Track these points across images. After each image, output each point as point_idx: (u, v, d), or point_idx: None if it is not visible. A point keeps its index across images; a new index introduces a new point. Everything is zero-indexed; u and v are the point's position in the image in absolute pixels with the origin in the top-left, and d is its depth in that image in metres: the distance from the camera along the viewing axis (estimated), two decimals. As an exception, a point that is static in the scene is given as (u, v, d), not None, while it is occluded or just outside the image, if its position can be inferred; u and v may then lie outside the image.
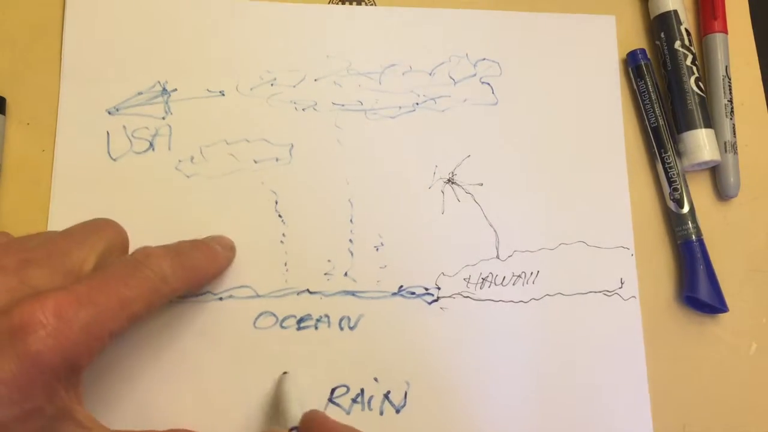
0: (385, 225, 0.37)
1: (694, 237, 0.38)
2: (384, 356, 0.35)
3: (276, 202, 0.37)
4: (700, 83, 0.40)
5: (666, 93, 0.41)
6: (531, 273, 0.37)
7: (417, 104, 0.39)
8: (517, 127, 0.40)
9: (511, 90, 0.40)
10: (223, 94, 0.38)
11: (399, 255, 0.37)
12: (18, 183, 0.35)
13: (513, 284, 0.37)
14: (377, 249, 0.37)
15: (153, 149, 0.36)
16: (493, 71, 0.40)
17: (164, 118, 0.37)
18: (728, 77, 0.40)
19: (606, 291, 0.38)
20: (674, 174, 0.39)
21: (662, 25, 0.41)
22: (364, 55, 0.39)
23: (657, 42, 0.41)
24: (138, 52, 0.37)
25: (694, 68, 0.40)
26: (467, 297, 0.37)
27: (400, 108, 0.39)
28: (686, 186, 0.39)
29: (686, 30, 0.40)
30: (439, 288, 0.36)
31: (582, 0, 0.42)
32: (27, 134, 0.36)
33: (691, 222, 0.38)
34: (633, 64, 0.40)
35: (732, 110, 0.40)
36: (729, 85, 0.40)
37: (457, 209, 0.38)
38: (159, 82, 0.37)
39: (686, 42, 0.40)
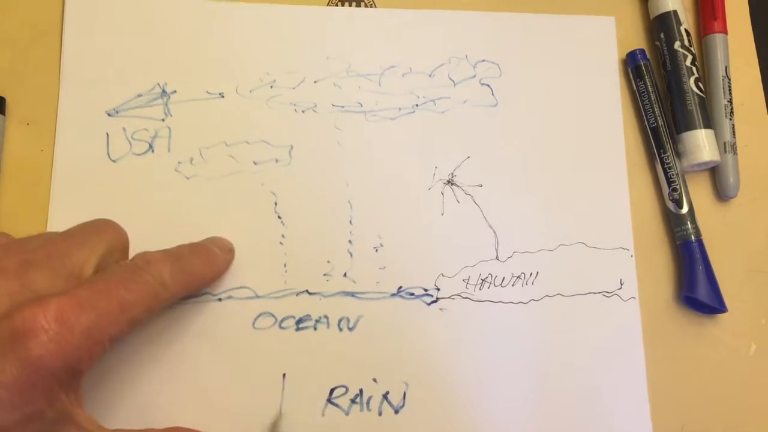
0: (385, 226, 0.37)
1: (693, 237, 0.38)
2: (383, 357, 0.35)
3: (275, 204, 0.37)
4: (700, 84, 0.40)
5: (666, 93, 0.41)
6: (530, 274, 0.37)
7: (417, 106, 0.39)
8: (517, 129, 0.39)
9: (511, 91, 0.40)
10: (223, 96, 0.38)
11: (398, 256, 0.37)
12: (17, 183, 0.35)
13: (512, 285, 0.37)
14: (377, 250, 0.37)
15: (152, 151, 0.36)
16: (493, 72, 0.40)
17: (164, 120, 0.37)
18: (728, 78, 0.40)
19: (605, 292, 0.38)
20: (673, 174, 0.38)
21: (662, 26, 0.41)
22: (364, 57, 0.39)
23: (657, 42, 0.41)
24: (137, 54, 0.37)
25: (694, 69, 0.40)
26: (466, 298, 0.37)
27: (400, 109, 0.39)
28: (685, 186, 0.39)
29: (686, 30, 0.40)
30: (439, 289, 0.36)
31: (582, 1, 0.42)
32: (27, 134, 0.36)
33: (690, 222, 0.38)
34: (632, 65, 0.40)
35: (732, 111, 0.40)
36: (729, 86, 0.40)
37: (457, 210, 0.38)
38: (158, 84, 0.37)
39: (686, 42, 0.40)
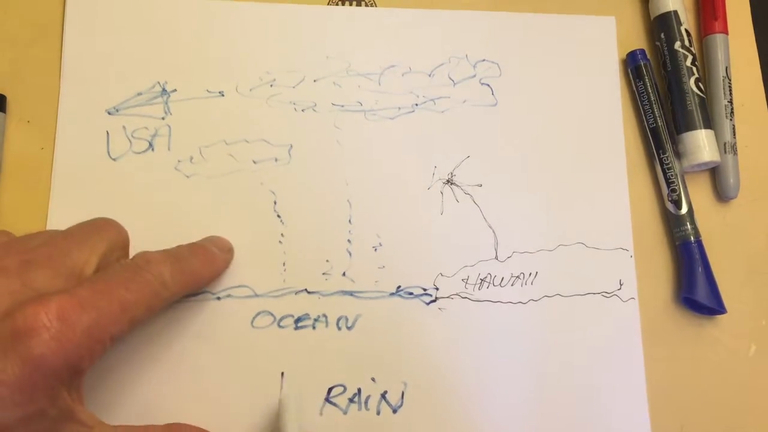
0: (384, 225, 0.37)
1: (693, 238, 0.38)
2: (381, 356, 0.35)
3: (275, 203, 0.37)
4: (700, 84, 0.40)
5: (666, 94, 0.41)
6: (530, 274, 0.37)
7: (416, 105, 0.39)
8: (517, 128, 0.39)
9: (511, 91, 0.40)
10: (223, 95, 0.38)
11: (397, 255, 0.37)
12: (18, 181, 0.35)
13: (511, 285, 0.37)
14: (376, 249, 0.37)
15: (152, 149, 0.36)
16: (493, 72, 0.40)
17: (164, 119, 0.37)
18: (728, 78, 0.40)
19: (605, 292, 0.38)
20: (672, 175, 0.38)
21: (662, 26, 0.41)
22: (364, 56, 0.39)
23: (657, 43, 0.41)
24: (138, 53, 0.38)
25: (694, 69, 0.40)
26: (465, 298, 0.37)
27: (400, 109, 0.39)
28: (685, 187, 0.39)
29: (686, 30, 0.40)
30: (438, 288, 0.36)
31: (582, 1, 0.42)
32: (27, 132, 0.36)
33: (690, 223, 0.38)
34: (632, 65, 0.40)
35: (732, 111, 0.40)
36: (729, 86, 0.40)
37: (456, 210, 0.38)
38: (159, 83, 0.37)
39: (686, 43, 0.40)
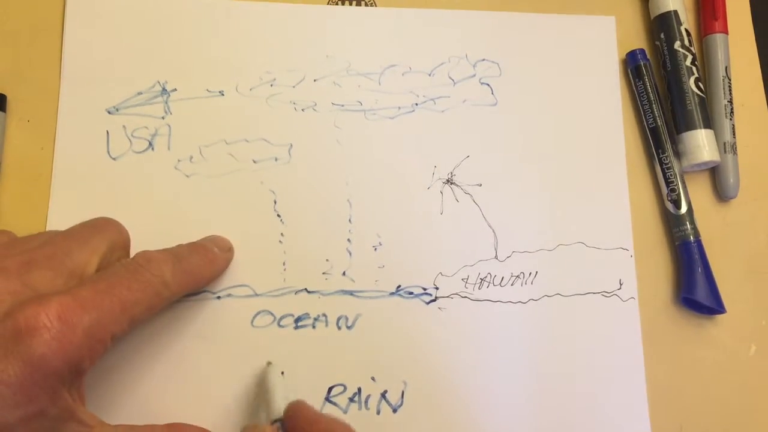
0: (384, 225, 0.37)
1: (692, 238, 0.38)
2: (381, 356, 0.35)
3: (275, 202, 0.37)
4: (700, 84, 0.40)
5: (666, 93, 0.41)
6: (529, 274, 0.37)
7: (416, 105, 0.39)
8: (517, 128, 0.39)
9: (511, 91, 0.40)
10: (223, 94, 0.38)
11: (397, 255, 0.37)
12: (18, 180, 0.35)
13: (511, 285, 0.37)
14: (375, 249, 0.37)
15: (152, 149, 0.36)
16: (493, 72, 0.40)
17: (164, 118, 0.37)
18: (728, 78, 0.40)
19: (604, 292, 0.38)
20: (672, 175, 0.38)
21: (662, 26, 0.41)
22: (364, 56, 0.39)
23: (657, 42, 0.41)
24: (138, 52, 0.38)
25: (694, 69, 0.40)
26: (465, 297, 0.37)
27: (400, 108, 0.39)
28: (684, 187, 0.39)
29: (686, 30, 0.40)
30: (437, 288, 0.36)
31: (582, 1, 0.42)
32: (27, 132, 0.36)
33: (689, 223, 0.38)
34: (632, 65, 0.40)
35: (732, 111, 0.40)
36: (729, 86, 0.40)
37: (456, 209, 0.38)
38: (159, 82, 0.37)
39: (686, 42, 0.40)
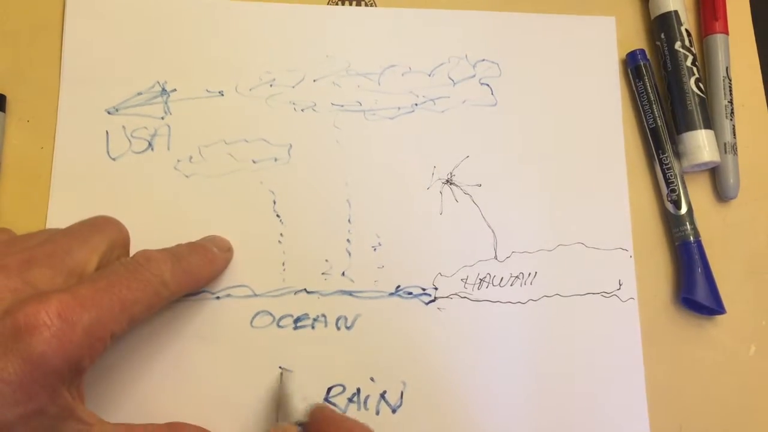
0: (383, 225, 0.37)
1: (692, 238, 0.37)
2: (380, 356, 0.35)
3: (274, 202, 0.37)
4: (700, 84, 0.40)
5: (666, 94, 0.41)
6: (529, 274, 0.37)
7: (416, 105, 0.39)
8: (516, 128, 0.39)
9: (511, 91, 0.40)
10: (223, 95, 0.38)
11: (396, 255, 0.37)
12: (17, 180, 0.35)
13: (511, 285, 0.37)
14: (375, 249, 0.37)
15: (152, 149, 0.37)
16: (493, 72, 0.40)
17: (163, 118, 0.37)
18: (729, 78, 0.40)
19: (604, 292, 0.38)
20: (672, 175, 0.38)
21: (663, 26, 0.41)
22: (364, 56, 0.39)
23: (657, 43, 0.41)
24: (138, 53, 0.38)
25: (695, 69, 0.40)
26: (464, 297, 0.37)
27: (399, 109, 0.39)
28: (684, 187, 0.38)
29: (687, 31, 0.40)
30: (437, 288, 0.36)
31: (582, 1, 0.42)
32: (27, 132, 0.36)
33: (689, 223, 0.38)
34: (632, 65, 0.40)
35: (732, 111, 0.40)
36: (729, 86, 0.40)
37: (456, 210, 0.38)
38: (158, 83, 0.37)
39: (686, 43, 0.40)
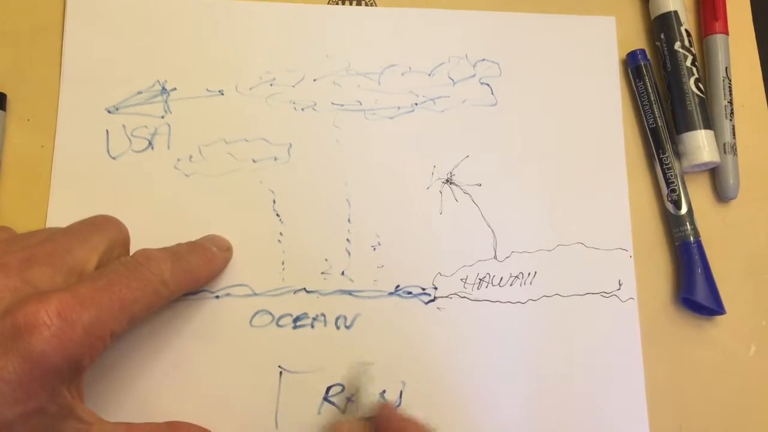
0: (383, 225, 0.37)
1: (692, 238, 0.37)
2: (380, 356, 0.35)
3: (274, 201, 0.37)
4: (700, 84, 0.40)
5: (666, 94, 0.41)
6: (528, 274, 0.37)
7: (416, 105, 0.39)
8: (516, 128, 0.39)
9: (511, 91, 0.40)
10: (223, 94, 0.38)
11: (396, 255, 0.37)
12: (18, 179, 0.36)
13: (510, 285, 0.37)
14: (374, 248, 0.37)
15: (152, 148, 0.37)
16: (493, 72, 0.40)
17: (163, 117, 0.37)
18: (728, 78, 0.40)
19: (604, 292, 0.38)
20: (672, 175, 0.38)
21: (662, 26, 0.41)
22: (364, 56, 0.39)
23: (657, 43, 0.41)
24: (138, 52, 0.38)
25: (694, 69, 0.40)
26: (464, 297, 0.37)
27: (399, 108, 0.39)
28: (684, 187, 0.38)
29: (686, 31, 0.40)
30: (436, 288, 0.36)
31: (582, 1, 0.42)
32: (27, 131, 0.36)
33: (689, 223, 0.38)
34: (632, 65, 0.40)
35: (732, 111, 0.40)
36: (729, 87, 0.40)
37: (455, 209, 0.38)
38: (158, 82, 0.37)
39: (686, 43, 0.40)
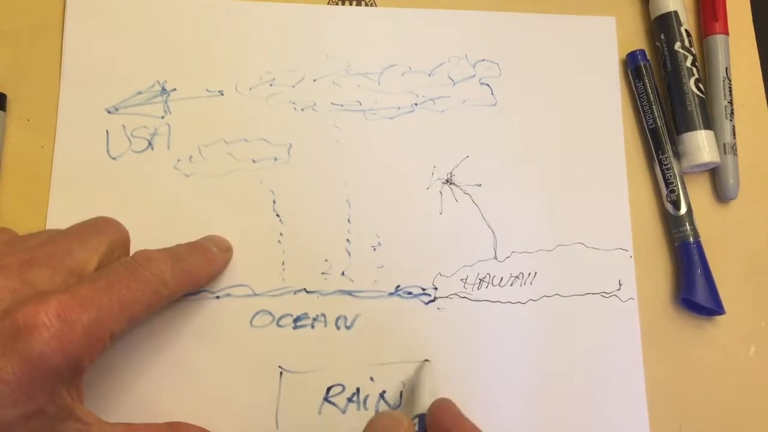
0: (383, 225, 0.37)
1: (692, 239, 0.37)
2: (380, 356, 0.35)
3: (274, 202, 0.37)
4: (700, 84, 0.40)
5: (666, 94, 0.41)
6: (528, 274, 0.37)
7: (416, 105, 0.39)
8: (516, 128, 0.39)
9: (511, 91, 0.40)
10: (222, 94, 0.38)
11: (396, 255, 0.37)
12: (17, 179, 0.35)
13: (510, 285, 0.37)
14: (374, 249, 0.37)
15: (152, 148, 0.37)
16: (493, 72, 0.40)
17: (163, 118, 0.37)
18: (728, 79, 0.40)
19: (604, 293, 0.38)
20: (671, 176, 0.38)
21: (662, 26, 0.41)
22: (364, 56, 0.39)
23: (657, 43, 0.41)
24: (138, 52, 0.38)
25: (694, 69, 0.40)
26: (464, 297, 0.37)
27: (399, 108, 0.39)
28: (684, 188, 0.38)
29: (686, 31, 0.40)
30: (436, 288, 0.36)
31: (582, 1, 0.42)
32: (27, 131, 0.36)
33: (689, 224, 0.38)
34: (632, 66, 0.40)
35: (732, 112, 0.40)
36: (729, 87, 0.40)
37: (455, 209, 0.38)
38: (158, 82, 0.37)
39: (686, 43, 0.40)
